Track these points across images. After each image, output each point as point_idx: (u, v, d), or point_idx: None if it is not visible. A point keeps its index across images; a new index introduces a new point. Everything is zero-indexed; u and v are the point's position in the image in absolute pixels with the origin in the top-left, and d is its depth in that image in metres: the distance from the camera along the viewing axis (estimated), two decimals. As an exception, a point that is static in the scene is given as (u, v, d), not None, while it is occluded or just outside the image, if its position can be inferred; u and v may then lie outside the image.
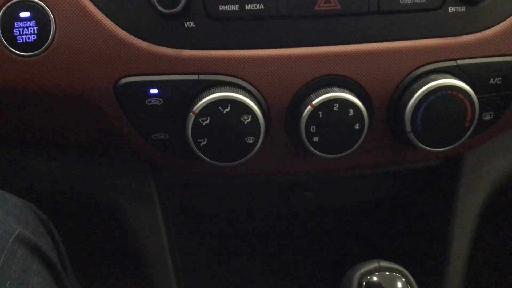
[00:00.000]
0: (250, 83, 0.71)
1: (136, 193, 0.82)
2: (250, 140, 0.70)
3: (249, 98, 0.69)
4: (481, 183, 0.87)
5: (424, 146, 0.73)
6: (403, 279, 0.60)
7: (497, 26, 0.73)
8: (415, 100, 0.71)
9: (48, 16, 0.68)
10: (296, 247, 1.13)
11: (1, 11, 0.68)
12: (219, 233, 1.09)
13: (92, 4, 0.69)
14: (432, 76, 0.72)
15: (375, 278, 0.60)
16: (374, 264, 0.61)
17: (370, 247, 1.07)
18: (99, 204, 0.83)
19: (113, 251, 0.99)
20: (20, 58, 0.69)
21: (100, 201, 0.83)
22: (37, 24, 0.69)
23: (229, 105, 0.68)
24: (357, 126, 0.71)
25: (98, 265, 1.01)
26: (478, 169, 0.86)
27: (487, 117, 0.77)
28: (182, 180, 0.84)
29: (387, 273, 0.60)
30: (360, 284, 0.60)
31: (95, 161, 0.82)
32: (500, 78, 0.75)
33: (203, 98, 0.68)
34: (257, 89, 0.71)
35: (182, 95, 0.70)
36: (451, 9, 0.72)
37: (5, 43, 0.69)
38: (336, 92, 0.70)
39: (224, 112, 0.68)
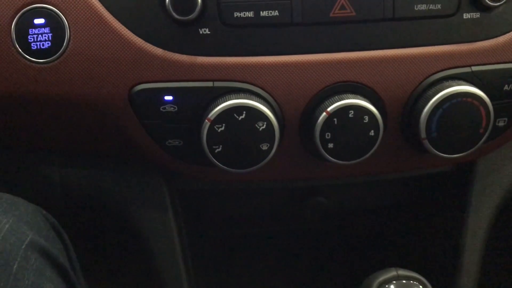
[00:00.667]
0: (264, 90, 0.71)
1: (149, 199, 0.82)
2: (264, 146, 0.70)
3: (264, 105, 0.69)
4: (493, 189, 0.86)
5: (438, 153, 0.73)
6: (421, 287, 0.60)
7: (511, 32, 0.73)
8: (430, 106, 0.71)
9: (63, 22, 0.68)
10: (309, 253, 1.13)
11: (16, 18, 0.68)
12: (231, 238, 1.09)
13: (106, 11, 0.69)
14: (447, 83, 0.72)
15: (393, 287, 0.60)
16: (392, 273, 0.61)
17: (382, 253, 1.07)
18: (112, 210, 0.83)
19: (125, 256, 0.99)
20: (34, 64, 0.69)
21: (113, 207, 0.83)
22: (51, 31, 0.69)
23: (244, 112, 0.68)
24: (372, 133, 0.71)
25: (109, 270, 1.01)
26: (490, 175, 0.86)
27: (501, 123, 0.77)
28: (195, 186, 0.84)
29: (404, 281, 0.60)
30: (378, 292, 0.60)
31: (108, 167, 0.82)
32: (514, 84, 0.75)
33: (218, 105, 0.68)
34: (271, 96, 0.71)
35: (196, 102, 0.70)
36: (466, 16, 0.72)
37: (20, 50, 0.69)
38: (350, 98, 0.70)
39: (239, 119, 0.68)
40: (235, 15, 0.69)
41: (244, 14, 0.69)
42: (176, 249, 0.83)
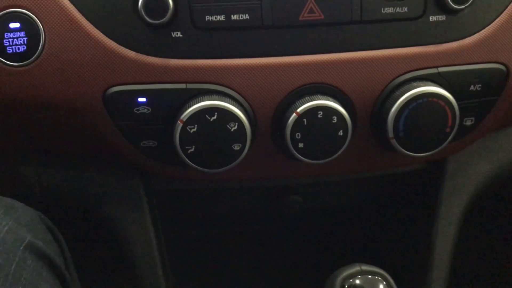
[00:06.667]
0: (236, 91, 0.73)
1: (126, 200, 0.83)
2: (237, 147, 0.72)
3: (235, 106, 0.70)
4: (464, 187, 0.88)
5: (406, 152, 0.75)
6: (385, 282, 0.62)
7: (477, 34, 0.75)
8: (397, 107, 0.73)
9: (38, 27, 0.70)
10: (282, 251, 1.15)
11: (-9, 22, 0.69)
12: (208, 238, 1.10)
13: (80, 15, 0.70)
14: (414, 83, 0.74)
15: (357, 282, 0.62)
16: (355, 268, 0.63)
17: (355, 251, 1.09)
18: (89, 211, 0.85)
19: (105, 256, 1.00)
20: (9, 68, 0.70)
21: (90, 208, 0.84)
22: (26, 34, 0.70)
23: (216, 113, 0.70)
24: (340, 133, 0.73)
25: (90, 270, 1.02)
26: (460, 173, 0.88)
27: (468, 122, 0.79)
28: (171, 186, 0.86)
29: (369, 276, 0.62)
30: (342, 287, 0.62)
31: (85, 168, 0.84)
32: (480, 85, 0.77)
33: (190, 106, 0.70)
34: (243, 97, 0.73)
35: (170, 103, 0.72)
36: (432, 18, 0.74)
37: (-5, 53, 0.70)
38: (320, 99, 0.72)
39: (211, 120, 0.70)
40: (206, 18, 0.70)
41: (216, 18, 0.71)
42: (153, 249, 0.85)
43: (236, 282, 1.13)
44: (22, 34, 0.70)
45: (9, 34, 0.70)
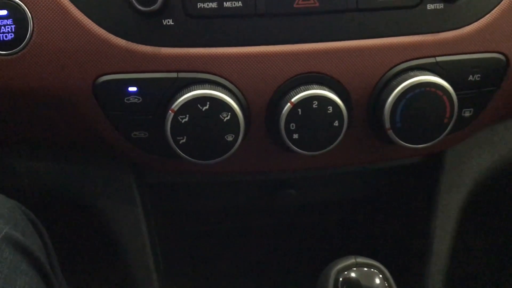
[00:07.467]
0: (229, 81, 0.71)
1: (117, 193, 0.82)
2: (230, 137, 0.70)
3: (228, 96, 0.69)
4: (462, 180, 0.87)
5: (403, 143, 0.73)
6: (380, 275, 0.60)
7: (475, 23, 0.74)
8: (394, 96, 0.71)
9: (26, 14, 0.68)
10: (278, 244, 1.13)
11: (-23, 10, 0.68)
12: (201, 232, 1.09)
13: (69, 2, 0.68)
14: (411, 73, 0.72)
15: (352, 274, 0.60)
16: (351, 260, 0.61)
17: (352, 245, 1.08)
18: (80, 204, 0.83)
19: (97, 250, 0.98)
20: (-3, 56, 0.69)
21: (81, 201, 0.83)
22: (14, 22, 0.68)
23: (208, 102, 0.68)
24: (336, 123, 0.71)
25: (82, 264, 1.01)
26: (459, 166, 0.87)
27: (467, 114, 0.78)
28: (163, 179, 0.84)
29: (365, 269, 0.61)
30: (336, 280, 0.60)
31: (75, 160, 0.82)
32: (479, 75, 0.75)
33: (181, 96, 0.68)
34: (236, 87, 0.71)
35: (160, 93, 0.70)
36: (430, 6, 0.72)
37: (-18, 41, 0.68)
38: (315, 89, 0.70)
39: (203, 109, 0.68)
40: (198, 5, 0.69)
41: (208, 5, 0.69)
42: (146, 243, 0.83)
43: (230, 276, 1.12)
44: (9, 21, 0.68)
45: (-4, 21, 0.68)
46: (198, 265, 1.11)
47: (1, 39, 0.68)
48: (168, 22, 0.69)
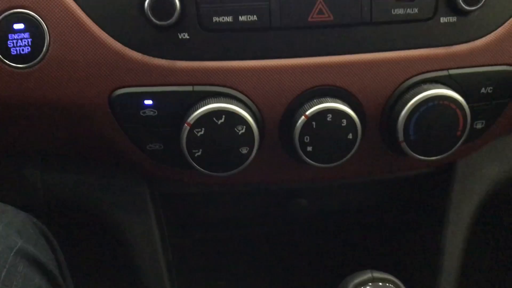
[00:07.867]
0: (244, 94, 0.72)
1: (131, 203, 0.82)
2: (244, 150, 0.71)
3: (243, 109, 0.69)
4: (473, 191, 0.87)
5: (416, 155, 0.74)
6: (396, 289, 0.61)
7: (488, 36, 0.74)
8: (408, 110, 0.71)
9: (42, 28, 0.69)
10: (289, 255, 1.14)
11: (-5, 23, 0.68)
12: (213, 242, 1.09)
13: (86, 15, 0.69)
14: (425, 86, 0.73)
15: (369, 289, 0.60)
16: (367, 275, 0.62)
17: (363, 255, 1.08)
18: (94, 215, 0.84)
19: (109, 261, 0.99)
20: (14, 70, 0.69)
21: (95, 211, 0.83)
22: (31, 36, 0.69)
23: (224, 116, 0.69)
24: (350, 136, 0.72)
25: (94, 275, 1.01)
26: (470, 177, 0.87)
27: (479, 126, 0.78)
28: (176, 189, 0.85)
29: (380, 283, 0.61)
30: (354, 295, 0.60)
31: (90, 171, 0.83)
32: (492, 88, 0.75)
33: (197, 109, 0.69)
34: (251, 100, 0.72)
35: (176, 106, 0.71)
36: (443, 20, 0.73)
37: (-1, 55, 0.69)
38: (329, 102, 0.71)
39: (219, 123, 0.69)
40: (214, 19, 0.69)
41: (223, 19, 0.69)
42: (159, 253, 0.84)
43: (243, 285, 1.12)
44: (26, 35, 0.69)
45: (13, 35, 0.68)
46: (211, 274, 1.11)
47: (18, 52, 0.69)
48: (184, 36, 0.70)
